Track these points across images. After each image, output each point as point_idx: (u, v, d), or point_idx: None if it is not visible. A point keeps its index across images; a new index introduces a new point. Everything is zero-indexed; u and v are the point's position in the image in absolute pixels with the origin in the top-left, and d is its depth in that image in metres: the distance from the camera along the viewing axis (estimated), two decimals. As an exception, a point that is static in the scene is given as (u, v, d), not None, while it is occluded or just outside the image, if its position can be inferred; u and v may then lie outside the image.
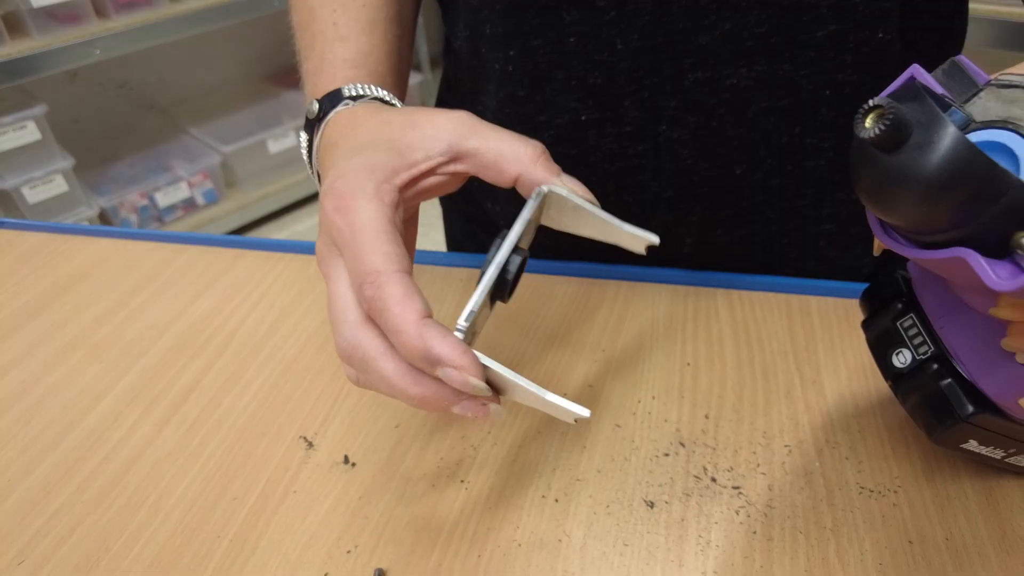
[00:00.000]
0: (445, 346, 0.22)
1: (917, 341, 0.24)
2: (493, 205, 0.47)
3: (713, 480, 0.30)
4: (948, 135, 0.17)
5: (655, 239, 0.26)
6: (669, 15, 0.33)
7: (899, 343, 0.25)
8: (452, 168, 0.27)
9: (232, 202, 1.95)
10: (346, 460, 0.32)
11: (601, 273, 0.43)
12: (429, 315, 0.23)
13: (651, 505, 0.29)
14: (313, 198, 2.11)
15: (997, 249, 0.17)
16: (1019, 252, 0.17)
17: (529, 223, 0.26)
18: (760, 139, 0.37)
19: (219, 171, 1.92)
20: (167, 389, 0.38)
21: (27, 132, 1.57)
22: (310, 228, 2.02)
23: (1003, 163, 0.18)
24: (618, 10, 0.33)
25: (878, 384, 0.34)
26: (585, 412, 0.23)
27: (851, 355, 0.36)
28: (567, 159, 0.40)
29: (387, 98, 0.31)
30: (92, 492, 0.32)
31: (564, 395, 0.34)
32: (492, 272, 0.25)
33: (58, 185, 1.65)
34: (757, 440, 0.32)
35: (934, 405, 0.24)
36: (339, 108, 0.30)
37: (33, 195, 1.62)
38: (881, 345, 0.26)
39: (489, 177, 0.27)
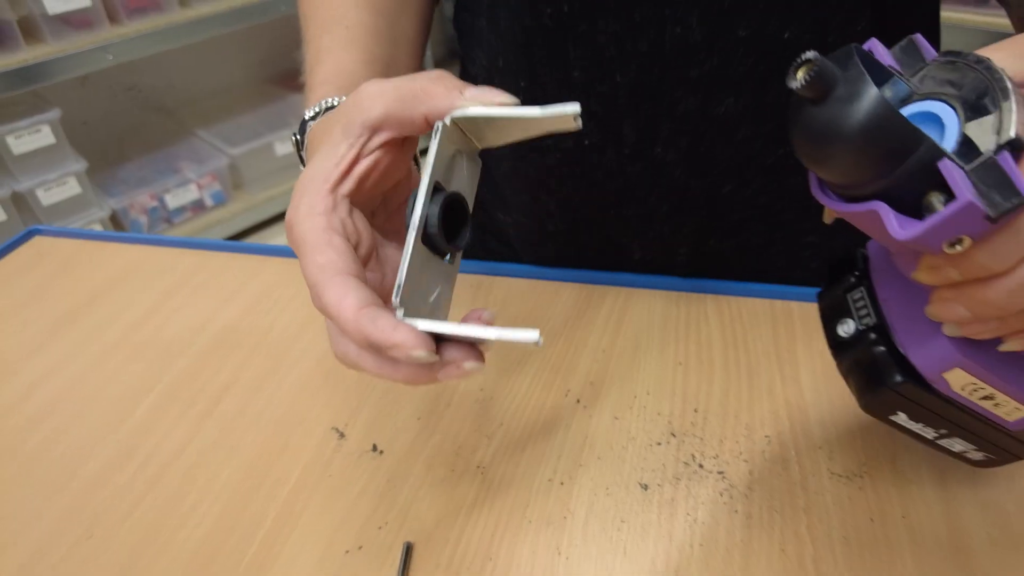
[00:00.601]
0: (377, 331, 0.23)
1: (862, 313, 0.26)
2: (505, 216, 0.51)
3: (700, 466, 0.34)
4: (868, 92, 0.19)
5: (576, 107, 0.24)
6: (663, 52, 0.36)
7: (846, 314, 0.27)
8: (374, 142, 0.27)
9: (240, 203, 1.99)
10: (374, 448, 0.36)
11: (602, 280, 0.47)
12: (367, 305, 0.24)
13: (645, 488, 0.33)
14: (319, 199, 2.15)
15: (913, 209, 0.19)
16: (929, 211, 0.19)
17: (444, 160, 0.25)
18: (747, 160, 0.40)
19: (227, 173, 1.95)
20: (206, 386, 0.42)
21: (42, 136, 1.61)
22: (316, 229, 2.05)
23: (931, 131, 0.20)
24: (617, 48, 0.37)
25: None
26: (533, 335, 0.22)
27: (828, 355, 0.40)
28: (572, 177, 0.44)
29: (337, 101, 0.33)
30: (147, 476, 0.36)
31: (568, 392, 0.38)
32: (412, 235, 0.24)
33: (71, 187, 1.69)
34: (740, 431, 0.36)
35: (866, 372, 0.26)
36: (308, 130, 0.33)
37: (47, 197, 1.66)
38: (830, 315, 0.28)
39: (411, 130, 0.27)
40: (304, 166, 0.33)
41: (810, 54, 0.19)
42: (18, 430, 0.40)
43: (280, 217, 2.06)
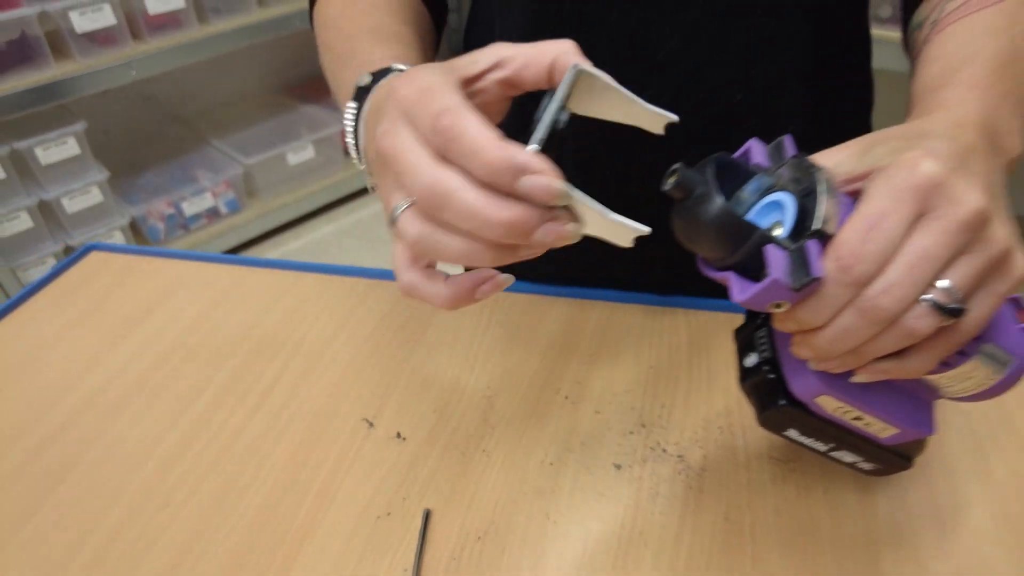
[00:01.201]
0: (526, 155, 0.24)
1: (763, 348, 0.33)
2: None
3: (664, 451, 0.42)
4: (714, 198, 0.26)
5: (675, 117, 0.28)
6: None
7: (751, 348, 0.33)
8: (496, 76, 0.29)
9: (253, 211, 2.07)
10: (398, 435, 0.44)
11: (589, 295, 0.54)
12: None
13: (618, 467, 0.41)
14: (327, 208, 2.22)
15: (758, 278, 0.25)
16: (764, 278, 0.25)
17: (566, 92, 0.28)
18: None
19: (241, 181, 2.03)
20: (253, 384, 0.50)
21: (68, 147, 1.69)
22: (326, 235, 2.13)
23: (776, 215, 0.27)
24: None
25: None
26: (645, 229, 0.25)
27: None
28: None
29: None
30: (209, 458, 0.44)
31: (558, 390, 0.45)
32: (547, 119, 0.26)
33: (94, 196, 1.77)
34: (699, 423, 0.43)
35: (760, 395, 0.32)
36: (390, 75, 0.35)
37: (71, 205, 1.74)
38: (741, 348, 0.34)
39: (530, 74, 0.29)
40: (357, 100, 0.35)
41: (677, 166, 0.27)
42: (97, 420, 0.48)
43: (292, 224, 2.14)
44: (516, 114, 0.33)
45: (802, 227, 0.27)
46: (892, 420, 0.31)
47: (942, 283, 0.26)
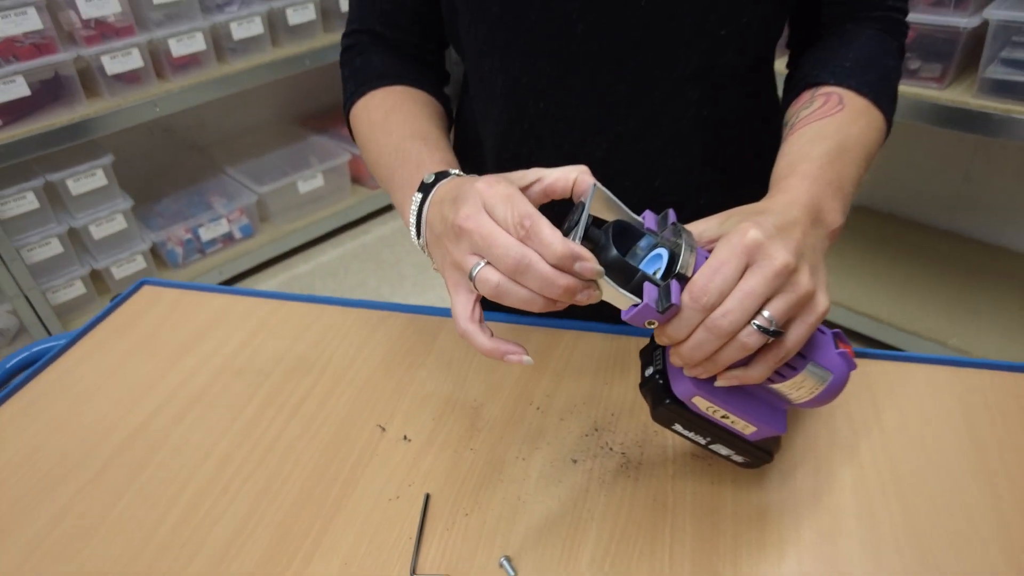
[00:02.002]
0: (580, 249, 0.37)
1: (657, 362, 0.44)
2: None
3: (611, 449, 0.54)
4: (610, 249, 0.39)
5: (641, 220, 0.43)
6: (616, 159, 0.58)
7: (650, 362, 0.45)
8: (537, 188, 0.42)
9: (265, 236, 2.20)
10: (405, 438, 0.56)
11: (560, 325, 0.67)
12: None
13: (575, 461, 0.53)
14: (335, 233, 2.35)
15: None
16: None
17: (590, 207, 0.41)
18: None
19: (254, 209, 2.16)
20: (289, 398, 0.62)
21: (96, 178, 1.82)
22: (333, 259, 2.26)
23: (658, 263, 0.40)
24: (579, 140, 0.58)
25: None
26: (638, 300, 0.38)
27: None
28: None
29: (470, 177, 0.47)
30: (256, 457, 0.56)
31: (531, 402, 0.57)
32: (583, 220, 0.39)
33: (119, 223, 1.90)
34: (640, 428, 0.55)
35: (652, 397, 0.44)
36: (450, 176, 0.48)
37: (98, 232, 1.87)
38: (642, 361, 0.46)
39: (559, 187, 0.42)
40: (423, 192, 0.48)
41: (590, 232, 0.40)
42: (164, 427, 0.60)
43: (302, 248, 2.27)
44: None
45: (671, 272, 0.40)
46: (751, 419, 0.43)
47: (765, 312, 0.39)
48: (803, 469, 0.52)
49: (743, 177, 0.63)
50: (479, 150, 0.68)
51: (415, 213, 0.48)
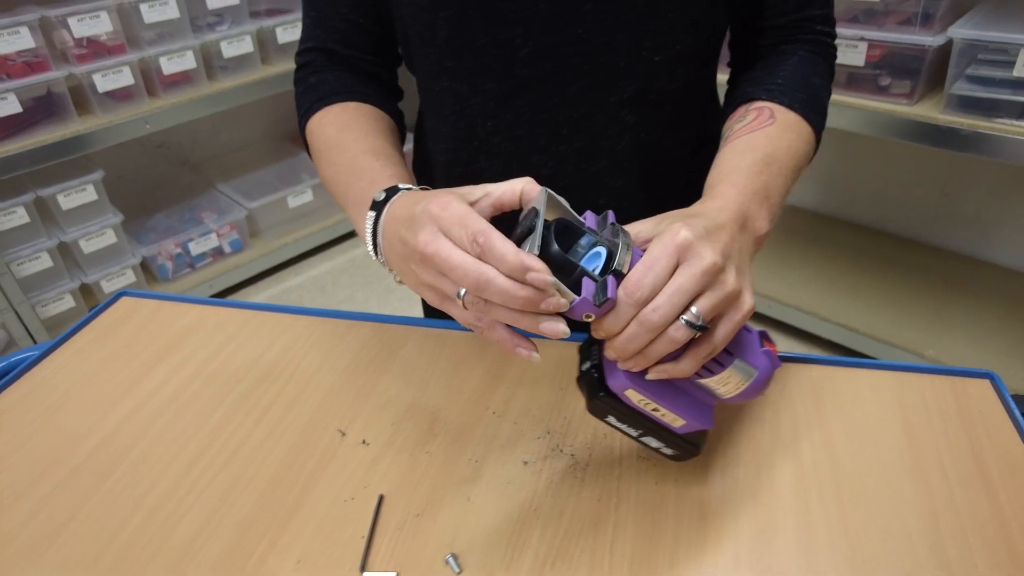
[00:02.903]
0: (532, 260, 0.38)
1: (594, 356, 0.46)
2: None
3: (561, 451, 0.56)
4: (552, 245, 0.40)
5: (584, 221, 0.45)
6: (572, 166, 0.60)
7: (587, 357, 0.47)
8: (486, 202, 0.44)
9: (255, 250, 2.22)
10: (364, 442, 0.58)
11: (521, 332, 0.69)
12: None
13: (526, 463, 0.55)
14: (324, 247, 2.38)
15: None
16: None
17: (542, 204, 0.43)
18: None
19: (244, 223, 2.19)
20: (256, 404, 0.64)
21: (86, 194, 1.85)
22: (322, 273, 2.28)
23: (598, 261, 0.42)
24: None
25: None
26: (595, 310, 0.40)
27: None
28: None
29: (422, 188, 0.50)
30: (223, 459, 0.58)
31: (488, 407, 0.59)
32: (539, 230, 0.40)
33: (109, 237, 1.92)
34: (590, 431, 0.58)
35: (588, 390, 0.45)
36: (400, 192, 0.49)
37: (88, 246, 1.90)
38: (580, 357, 0.48)
39: (508, 199, 0.44)
40: (375, 210, 0.49)
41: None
42: (136, 430, 0.62)
43: (292, 262, 2.30)
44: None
45: (608, 269, 0.42)
46: (680, 413, 0.46)
47: (693, 308, 0.41)
48: (745, 468, 0.54)
49: (677, 202, 0.66)
50: (433, 169, 0.70)
51: (370, 231, 0.50)
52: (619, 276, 0.42)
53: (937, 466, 0.53)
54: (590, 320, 0.42)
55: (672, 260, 0.41)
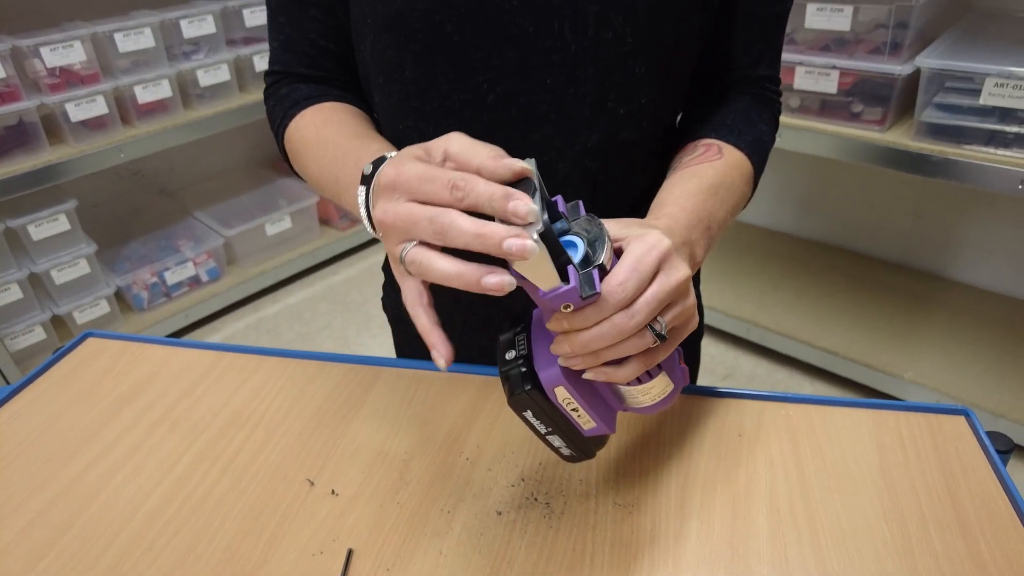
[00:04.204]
0: (516, 191, 0.37)
1: (521, 347, 0.45)
2: None
3: (536, 499, 0.55)
4: (543, 215, 0.38)
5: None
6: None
7: (512, 347, 0.45)
8: (447, 165, 0.41)
9: (232, 278, 2.20)
10: (333, 492, 0.57)
11: (495, 372, 0.68)
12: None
13: (499, 513, 0.54)
14: (302, 275, 2.36)
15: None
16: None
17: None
18: None
19: (222, 251, 2.16)
20: (222, 452, 0.62)
21: (58, 223, 1.82)
22: (301, 300, 2.26)
23: (571, 251, 0.40)
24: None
25: (643, 450, 0.59)
26: (561, 283, 0.38)
27: (627, 431, 0.61)
28: (459, 303, 0.65)
29: None
30: (186, 511, 0.56)
31: (461, 452, 0.58)
32: (539, 198, 0.39)
33: (82, 268, 1.89)
34: (564, 477, 0.56)
35: (513, 382, 0.43)
36: (386, 160, 0.45)
37: (60, 277, 1.86)
38: (504, 347, 0.46)
39: (468, 167, 0.40)
40: (365, 184, 0.46)
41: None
42: (96, 481, 0.60)
43: (270, 289, 2.27)
44: None
45: (587, 261, 0.41)
46: (594, 416, 0.46)
47: (660, 318, 0.42)
48: (721, 515, 0.53)
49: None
50: None
51: (363, 205, 0.48)
52: (602, 271, 0.41)
53: (915, 509, 0.53)
54: (567, 310, 0.40)
55: (655, 264, 0.42)
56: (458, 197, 0.39)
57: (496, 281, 0.38)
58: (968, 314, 1.79)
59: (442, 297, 0.69)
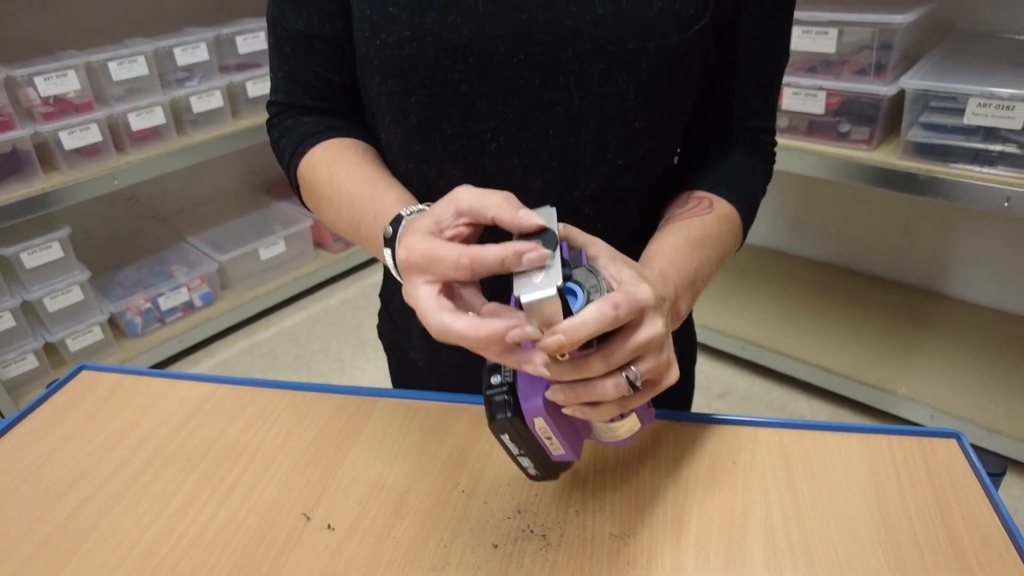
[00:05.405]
0: (527, 245, 0.41)
1: (506, 373, 0.47)
2: (414, 354, 0.73)
3: (532, 532, 0.55)
4: (560, 266, 0.41)
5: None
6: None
7: (497, 372, 0.47)
8: (460, 222, 0.44)
9: (226, 303, 2.19)
10: (329, 527, 0.57)
11: (490, 403, 0.68)
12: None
13: (495, 546, 0.54)
14: (296, 298, 2.36)
15: None
16: None
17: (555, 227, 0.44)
18: None
19: (215, 276, 2.16)
20: (218, 485, 0.62)
21: (52, 251, 1.82)
22: (296, 324, 2.25)
23: (570, 298, 0.42)
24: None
25: (638, 479, 0.59)
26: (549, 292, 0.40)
27: (626, 463, 0.61)
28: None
29: (425, 207, 0.50)
30: (184, 545, 0.56)
31: (456, 484, 0.58)
32: (558, 259, 0.41)
33: (75, 295, 1.89)
34: (560, 508, 0.57)
35: (496, 408, 0.46)
36: (404, 221, 0.48)
37: (52, 304, 1.86)
38: (488, 371, 0.47)
39: (482, 223, 0.44)
40: (389, 247, 0.49)
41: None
42: (92, 517, 0.59)
43: (264, 313, 2.27)
44: None
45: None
46: (565, 445, 0.47)
47: (636, 368, 0.43)
48: (717, 543, 0.53)
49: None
50: None
51: (394, 268, 0.50)
52: None
53: (909, 534, 0.53)
54: (563, 358, 0.42)
55: (632, 317, 0.43)
56: (467, 275, 0.42)
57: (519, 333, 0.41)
58: (961, 329, 1.80)
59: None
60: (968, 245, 1.84)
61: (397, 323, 0.78)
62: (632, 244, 0.64)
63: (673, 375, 0.47)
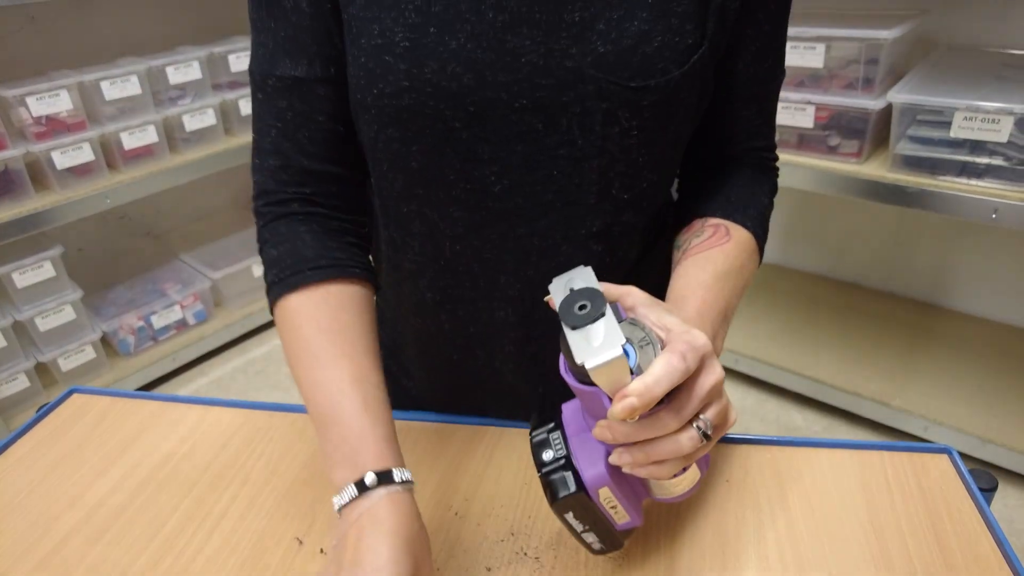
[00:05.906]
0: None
1: (557, 447, 0.45)
2: (408, 381, 0.73)
3: (525, 554, 0.55)
4: (619, 336, 0.39)
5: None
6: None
7: (548, 447, 0.45)
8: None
9: (219, 320, 2.19)
10: (321, 551, 0.56)
11: (481, 422, 0.68)
12: None
13: (489, 570, 0.54)
14: (292, 312, 2.35)
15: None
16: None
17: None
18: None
19: (209, 294, 2.16)
20: (210, 510, 0.62)
21: (43, 270, 1.81)
22: (289, 340, 2.24)
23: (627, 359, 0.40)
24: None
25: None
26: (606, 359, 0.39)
27: (622, 474, 0.61)
28: (449, 361, 0.66)
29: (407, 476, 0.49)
30: (178, 569, 0.56)
31: (450, 507, 0.58)
32: (610, 314, 0.41)
33: (67, 314, 1.88)
34: (554, 530, 0.56)
35: (557, 486, 0.44)
36: (388, 491, 0.46)
37: (44, 324, 1.85)
38: (538, 447, 0.46)
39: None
40: (359, 489, 0.47)
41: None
42: (83, 544, 0.59)
43: (257, 331, 2.26)
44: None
45: (639, 368, 0.41)
46: (630, 510, 0.46)
47: (705, 416, 0.43)
48: (712, 565, 0.53)
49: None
50: (398, 276, 0.67)
51: (346, 501, 0.48)
52: None
53: (902, 552, 0.53)
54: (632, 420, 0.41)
55: (697, 366, 0.43)
56: None
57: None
58: (954, 340, 1.81)
59: (429, 355, 0.70)
60: (960, 256, 1.85)
61: (390, 350, 0.78)
62: (635, 274, 0.64)
63: (733, 416, 0.46)
